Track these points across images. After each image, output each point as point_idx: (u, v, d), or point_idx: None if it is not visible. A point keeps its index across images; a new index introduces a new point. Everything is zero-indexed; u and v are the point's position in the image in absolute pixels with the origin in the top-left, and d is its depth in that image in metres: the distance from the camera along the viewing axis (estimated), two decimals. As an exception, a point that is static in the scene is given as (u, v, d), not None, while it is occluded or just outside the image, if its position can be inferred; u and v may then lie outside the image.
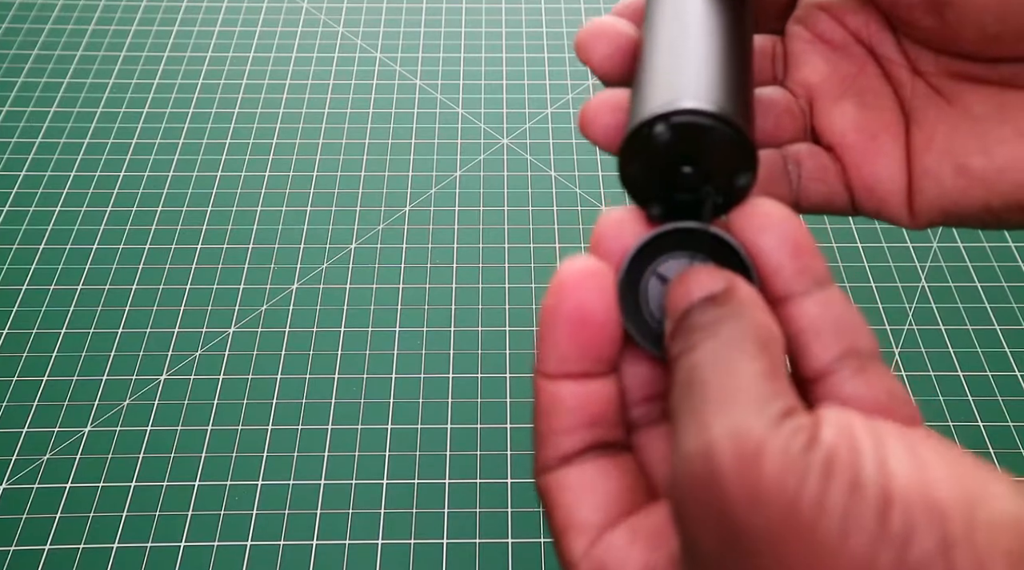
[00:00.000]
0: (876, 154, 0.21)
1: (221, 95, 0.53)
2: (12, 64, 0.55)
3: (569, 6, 0.59)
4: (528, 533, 0.35)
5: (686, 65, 0.18)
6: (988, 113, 0.19)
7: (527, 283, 0.44)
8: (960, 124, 0.20)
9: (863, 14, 0.21)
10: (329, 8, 0.59)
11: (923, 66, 0.21)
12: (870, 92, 0.21)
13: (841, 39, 0.22)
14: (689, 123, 0.17)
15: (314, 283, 0.43)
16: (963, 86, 0.20)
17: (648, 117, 0.17)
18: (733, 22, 0.20)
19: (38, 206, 0.47)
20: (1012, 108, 0.19)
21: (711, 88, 0.17)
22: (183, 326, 0.42)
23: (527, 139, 0.50)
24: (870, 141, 0.21)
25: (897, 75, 0.21)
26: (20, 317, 0.42)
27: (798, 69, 0.22)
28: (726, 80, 0.18)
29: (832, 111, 0.21)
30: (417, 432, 0.38)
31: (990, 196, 0.19)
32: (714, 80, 0.18)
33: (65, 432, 0.38)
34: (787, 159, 0.21)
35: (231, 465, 0.37)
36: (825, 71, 0.22)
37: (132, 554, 0.35)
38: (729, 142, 0.17)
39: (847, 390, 0.15)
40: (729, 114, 0.17)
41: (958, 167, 0.19)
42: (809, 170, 0.21)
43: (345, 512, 0.36)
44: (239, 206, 0.47)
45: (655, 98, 0.17)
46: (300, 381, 0.40)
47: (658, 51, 0.19)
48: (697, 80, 0.17)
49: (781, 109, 0.22)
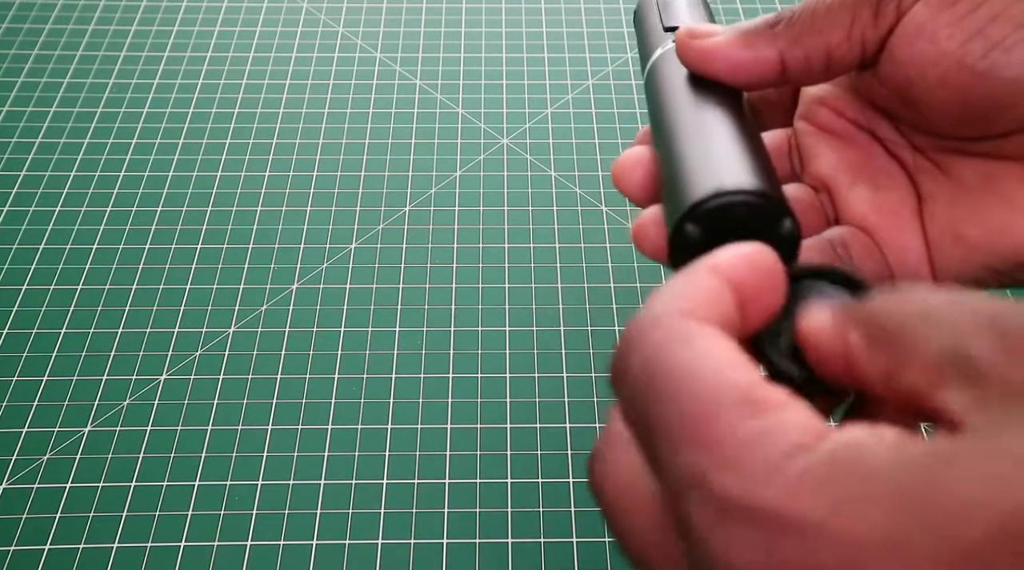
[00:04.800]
0: (900, 230, 0.22)
1: (221, 95, 0.53)
2: (12, 64, 0.55)
3: (569, 6, 0.59)
4: (528, 533, 0.35)
5: (680, 167, 0.19)
6: (978, 183, 0.21)
7: (527, 283, 0.44)
8: (957, 195, 0.21)
9: (857, 103, 0.23)
10: (329, 8, 0.59)
11: (919, 143, 0.22)
12: (881, 173, 0.22)
13: (843, 128, 0.23)
14: (709, 210, 0.18)
15: (314, 283, 0.43)
16: (955, 159, 0.21)
17: (671, 229, 0.18)
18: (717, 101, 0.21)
19: (38, 206, 0.47)
20: (997, 178, 0.20)
21: (714, 172, 0.18)
22: (183, 326, 0.42)
23: (527, 139, 0.50)
24: (891, 218, 0.22)
25: (900, 154, 0.22)
26: (20, 317, 0.42)
27: (810, 162, 0.23)
28: (728, 152, 0.19)
29: (849, 198, 0.22)
30: (417, 432, 0.38)
31: (991, 260, 0.20)
32: (720, 159, 0.19)
33: (65, 432, 0.38)
34: (835, 244, 0.22)
35: (231, 465, 0.37)
36: (834, 161, 0.23)
37: (132, 554, 0.35)
38: (752, 207, 0.18)
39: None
40: (746, 184, 0.18)
41: (956, 237, 0.21)
42: (858, 251, 0.22)
43: (345, 512, 0.36)
44: (239, 206, 0.47)
45: (672, 205, 0.19)
46: (300, 381, 0.40)
47: (661, 160, 0.21)
48: (697, 175, 0.19)
49: (805, 205, 0.23)
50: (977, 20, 0.18)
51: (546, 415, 0.39)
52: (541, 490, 0.36)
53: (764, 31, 0.21)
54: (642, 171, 0.22)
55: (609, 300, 0.43)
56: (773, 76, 0.21)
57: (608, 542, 0.35)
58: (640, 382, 0.14)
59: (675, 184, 0.19)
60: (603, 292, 0.43)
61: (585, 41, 0.56)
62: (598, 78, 0.54)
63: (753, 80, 0.21)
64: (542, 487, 0.37)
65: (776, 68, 0.21)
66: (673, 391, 0.13)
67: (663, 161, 0.20)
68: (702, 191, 0.18)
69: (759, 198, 0.18)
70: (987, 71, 0.18)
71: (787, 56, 0.21)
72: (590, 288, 0.43)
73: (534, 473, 0.37)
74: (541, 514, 0.36)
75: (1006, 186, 0.20)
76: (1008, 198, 0.20)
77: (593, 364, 0.40)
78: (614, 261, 0.44)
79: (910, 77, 0.20)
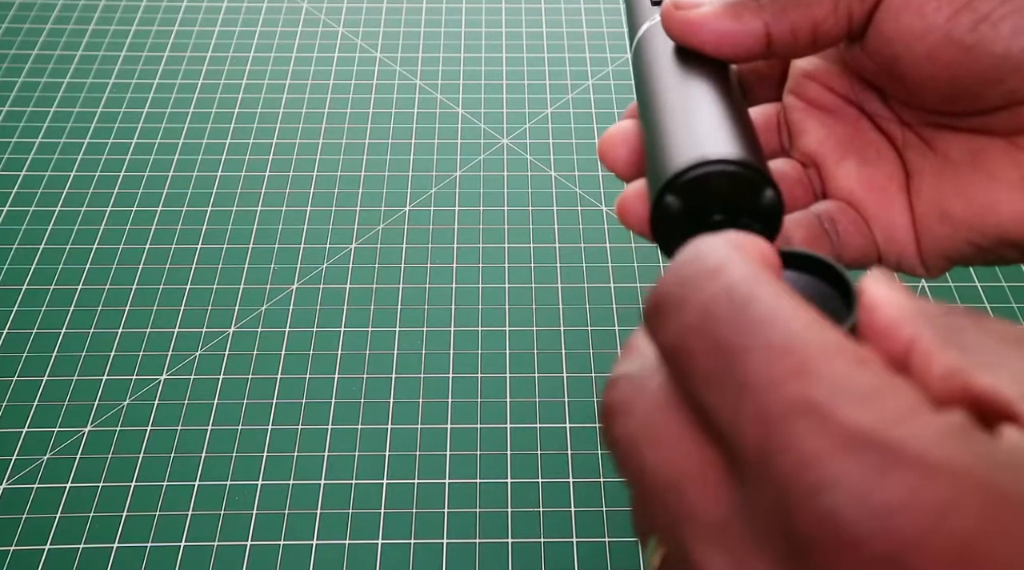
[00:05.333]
0: (888, 205, 0.22)
1: (221, 95, 0.53)
2: (12, 64, 0.55)
3: (569, 6, 0.59)
4: (528, 533, 0.35)
5: (662, 139, 0.19)
6: (963, 159, 0.21)
7: (527, 283, 0.43)
8: (943, 171, 0.21)
9: (847, 77, 0.23)
10: (329, 8, 0.59)
11: (907, 118, 0.22)
12: (869, 148, 0.22)
13: (832, 103, 0.23)
14: (689, 181, 0.18)
15: (314, 283, 0.43)
16: (942, 134, 0.21)
17: (653, 200, 0.18)
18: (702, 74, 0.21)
19: (38, 206, 0.47)
20: (984, 154, 0.20)
21: (695, 143, 0.18)
22: (183, 326, 0.42)
23: (527, 139, 0.50)
24: (878, 193, 0.22)
25: (889, 129, 0.22)
26: (20, 317, 0.42)
27: (798, 137, 0.23)
28: (709, 124, 0.19)
29: (837, 172, 0.22)
30: (417, 432, 0.38)
31: (976, 237, 0.20)
32: (700, 130, 0.19)
33: (65, 432, 0.38)
34: (822, 218, 0.22)
35: (231, 465, 0.37)
36: (822, 135, 0.23)
37: (132, 554, 0.35)
38: (733, 176, 0.18)
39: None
40: (725, 153, 0.18)
41: (942, 214, 0.21)
42: (844, 225, 0.22)
43: (345, 512, 0.36)
44: (239, 206, 0.47)
45: (654, 176, 0.19)
46: (300, 381, 0.40)
47: (645, 133, 0.21)
48: (678, 147, 0.19)
49: (793, 181, 0.23)
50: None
51: (546, 415, 0.39)
52: (541, 490, 0.36)
53: (750, 3, 0.21)
54: (627, 146, 0.22)
55: (609, 300, 0.43)
56: (759, 49, 0.21)
57: (608, 542, 0.35)
58: (720, 307, 0.13)
59: (657, 156, 0.19)
60: (603, 292, 0.43)
61: (585, 41, 0.56)
62: (598, 78, 0.54)
63: (739, 53, 0.21)
64: (542, 487, 0.37)
65: (762, 40, 0.21)
66: (770, 322, 0.12)
67: (647, 133, 0.20)
68: (683, 161, 0.18)
69: (739, 167, 0.17)
70: (974, 45, 0.18)
71: (773, 28, 0.20)
72: (590, 288, 0.43)
73: (534, 473, 0.37)
74: (541, 514, 0.36)
75: (991, 162, 0.20)
76: (993, 174, 0.20)
77: (593, 364, 0.40)
78: (614, 261, 0.44)
79: (897, 51, 0.19)
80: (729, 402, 0.12)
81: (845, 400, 0.11)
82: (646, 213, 0.21)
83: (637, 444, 0.14)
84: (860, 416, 0.11)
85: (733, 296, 0.13)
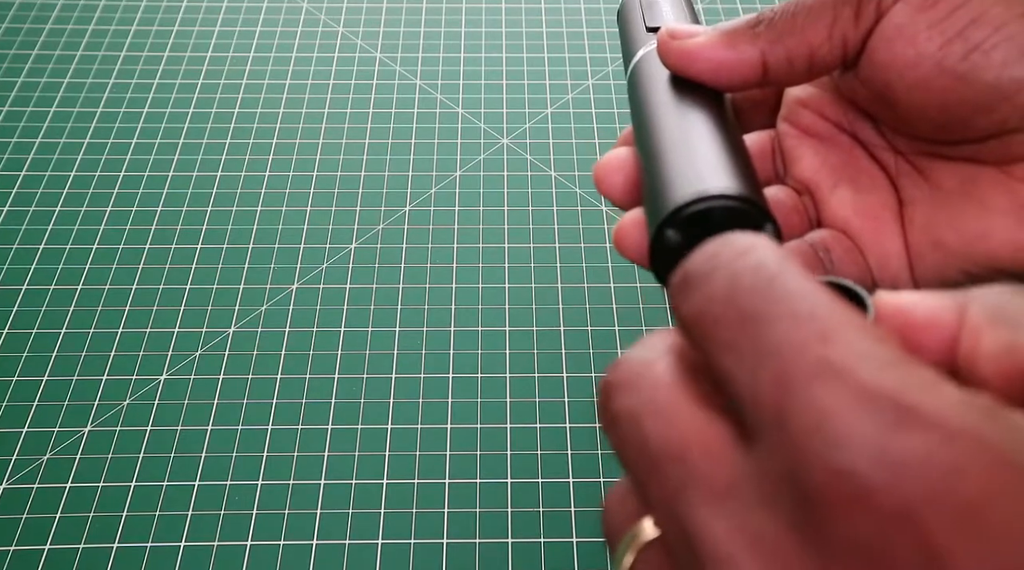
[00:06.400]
0: (881, 234, 0.22)
1: (221, 95, 0.53)
2: (12, 64, 0.55)
3: (569, 6, 0.59)
4: (528, 533, 0.35)
5: (662, 171, 0.19)
6: (956, 188, 0.21)
7: (527, 283, 0.44)
8: (936, 199, 0.21)
9: (840, 105, 0.23)
10: (329, 8, 0.59)
11: (900, 146, 0.22)
12: (862, 176, 0.22)
13: (826, 131, 0.23)
14: (690, 216, 0.18)
15: (314, 283, 0.43)
16: (935, 163, 0.21)
17: (653, 233, 0.18)
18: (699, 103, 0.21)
19: (38, 206, 0.47)
20: (976, 182, 0.20)
21: (696, 176, 0.18)
22: (183, 326, 0.42)
23: (527, 139, 0.50)
24: (872, 222, 0.22)
25: (882, 157, 0.22)
26: (20, 317, 0.42)
27: (793, 164, 0.23)
28: (708, 157, 0.19)
29: (831, 200, 0.22)
30: (417, 432, 0.38)
31: (968, 265, 0.20)
32: (700, 164, 0.19)
33: (65, 432, 0.38)
34: (816, 247, 0.22)
35: (231, 465, 0.37)
36: (816, 163, 0.23)
37: (132, 554, 0.35)
38: (734, 211, 0.18)
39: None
40: (726, 188, 0.18)
41: (935, 242, 0.21)
42: (839, 253, 0.22)
43: (345, 512, 0.36)
44: (239, 206, 0.47)
45: (653, 209, 0.19)
46: (300, 381, 0.40)
47: (642, 163, 0.21)
48: (678, 180, 0.19)
49: (788, 209, 0.23)
50: (957, 22, 0.18)
51: (546, 415, 0.39)
52: (541, 490, 0.36)
53: (746, 31, 0.21)
54: (624, 174, 0.22)
55: (609, 300, 0.43)
56: (755, 77, 0.21)
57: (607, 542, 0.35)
58: (748, 279, 0.13)
59: (656, 188, 0.19)
60: (603, 292, 0.43)
61: (585, 41, 0.56)
62: (598, 78, 0.54)
63: (735, 81, 0.21)
64: (542, 487, 0.37)
65: (758, 69, 0.21)
66: (798, 293, 0.12)
67: (645, 164, 0.20)
68: (684, 195, 0.18)
69: (741, 203, 0.18)
70: (966, 74, 0.18)
71: (769, 57, 0.20)
72: (590, 288, 0.43)
73: (534, 473, 0.37)
74: (541, 514, 0.36)
75: (983, 191, 0.20)
76: (985, 203, 0.20)
77: (593, 364, 0.40)
78: (614, 261, 0.44)
79: (889, 79, 0.19)
80: (748, 366, 0.12)
81: (867, 364, 0.11)
82: (644, 243, 0.21)
83: (640, 417, 0.14)
84: (881, 378, 0.11)
85: (760, 271, 0.13)
